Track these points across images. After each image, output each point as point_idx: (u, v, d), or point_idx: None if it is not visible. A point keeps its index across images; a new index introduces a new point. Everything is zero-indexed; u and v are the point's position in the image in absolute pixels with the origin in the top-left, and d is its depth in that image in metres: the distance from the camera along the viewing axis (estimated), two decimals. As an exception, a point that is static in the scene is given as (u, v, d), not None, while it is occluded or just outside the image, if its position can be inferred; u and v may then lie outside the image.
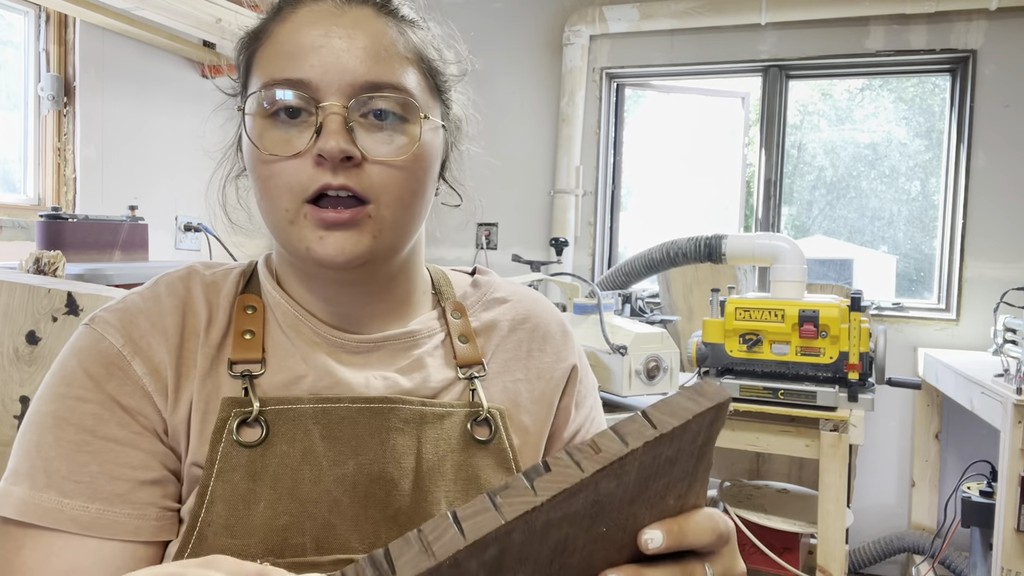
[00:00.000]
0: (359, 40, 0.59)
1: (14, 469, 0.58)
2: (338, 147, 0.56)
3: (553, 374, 0.73)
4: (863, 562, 2.83)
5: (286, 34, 0.60)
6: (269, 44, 0.61)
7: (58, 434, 0.57)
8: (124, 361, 0.60)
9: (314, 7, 0.61)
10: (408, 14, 0.64)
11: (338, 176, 0.57)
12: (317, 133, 0.58)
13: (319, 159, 0.57)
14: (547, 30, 3.34)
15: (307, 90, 0.58)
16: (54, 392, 0.59)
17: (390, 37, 0.61)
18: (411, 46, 0.62)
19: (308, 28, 0.60)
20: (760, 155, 3.15)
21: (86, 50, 2.37)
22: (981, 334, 2.79)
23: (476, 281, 0.77)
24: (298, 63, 0.58)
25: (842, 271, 3.51)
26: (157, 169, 2.65)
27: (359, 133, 0.59)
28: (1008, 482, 1.90)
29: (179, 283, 0.66)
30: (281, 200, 0.59)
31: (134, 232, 2.06)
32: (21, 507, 0.56)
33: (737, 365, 2.17)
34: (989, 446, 2.66)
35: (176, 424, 0.61)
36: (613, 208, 3.42)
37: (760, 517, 2.31)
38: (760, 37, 3.06)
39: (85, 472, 0.57)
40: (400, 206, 0.61)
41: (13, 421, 1.19)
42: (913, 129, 3.27)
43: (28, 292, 1.20)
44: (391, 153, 0.59)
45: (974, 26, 2.81)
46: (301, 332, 0.66)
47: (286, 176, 0.59)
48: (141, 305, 0.63)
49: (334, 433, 0.62)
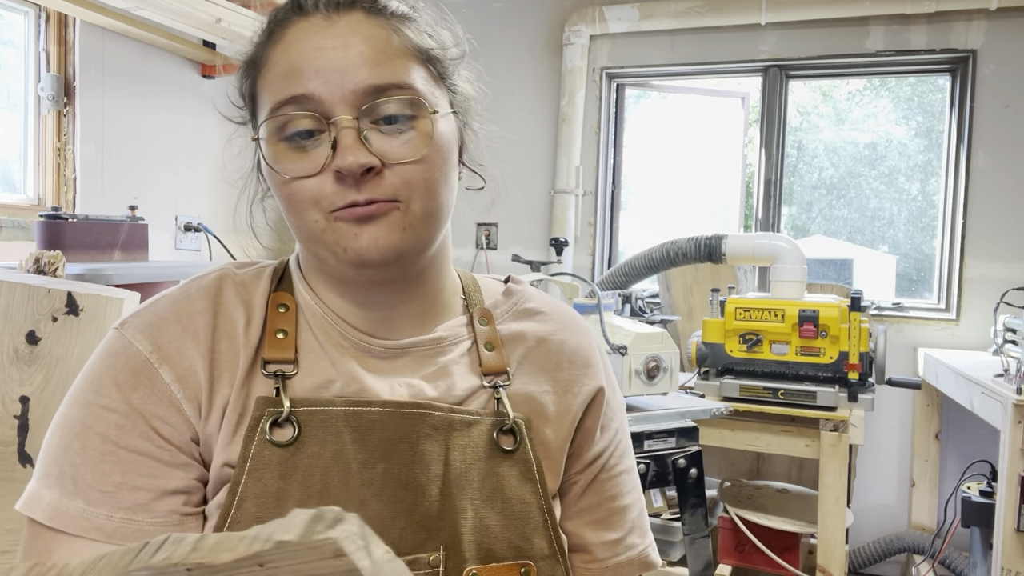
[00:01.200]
0: (355, 46, 0.59)
1: (45, 471, 0.59)
2: (357, 163, 0.57)
3: (580, 391, 0.72)
4: (863, 562, 2.83)
5: (280, 56, 0.61)
6: (268, 69, 0.62)
7: (84, 442, 0.59)
8: (151, 369, 0.61)
9: (303, 24, 0.61)
10: (398, 9, 0.63)
11: (363, 191, 0.58)
12: (333, 148, 0.58)
13: (339, 175, 0.58)
14: (547, 30, 3.34)
15: (314, 105, 0.59)
16: (83, 398, 0.60)
17: (384, 36, 0.61)
18: (407, 41, 0.62)
19: (302, 44, 0.60)
20: (760, 155, 3.15)
21: (86, 50, 2.37)
22: (981, 334, 2.79)
23: (509, 290, 0.76)
24: (299, 80, 0.59)
25: (842, 271, 3.51)
26: (157, 169, 2.65)
27: (374, 139, 0.59)
28: (1008, 482, 1.90)
29: (211, 285, 0.66)
30: (310, 214, 0.60)
31: (134, 232, 2.06)
32: (51, 512, 0.57)
33: (737, 365, 2.17)
34: (989, 446, 2.66)
35: (210, 427, 0.61)
36: (613, 208, 3.42)
37: (760, 517, 2.31)
38: (760, 37, 3.06)
39: (109, 482, 0.58)
40: (428, 198, 0.61)
41: (13, 421, 1.19)
42: (913, 129, 3.28)
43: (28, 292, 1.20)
44: (409, 153, 0.60)
45: (974, 26, 2.81)
46: (330, 336, 0.66)
47: (310, 192, 0.59)
48: (171, 309, 0.64)
49: (364, 436, 0.62)
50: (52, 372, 1.21)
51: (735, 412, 2.01)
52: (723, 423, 2.15)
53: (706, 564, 1.72)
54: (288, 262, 0.71)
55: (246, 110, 0.67)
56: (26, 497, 0.59)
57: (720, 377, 2.19)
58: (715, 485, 2.65)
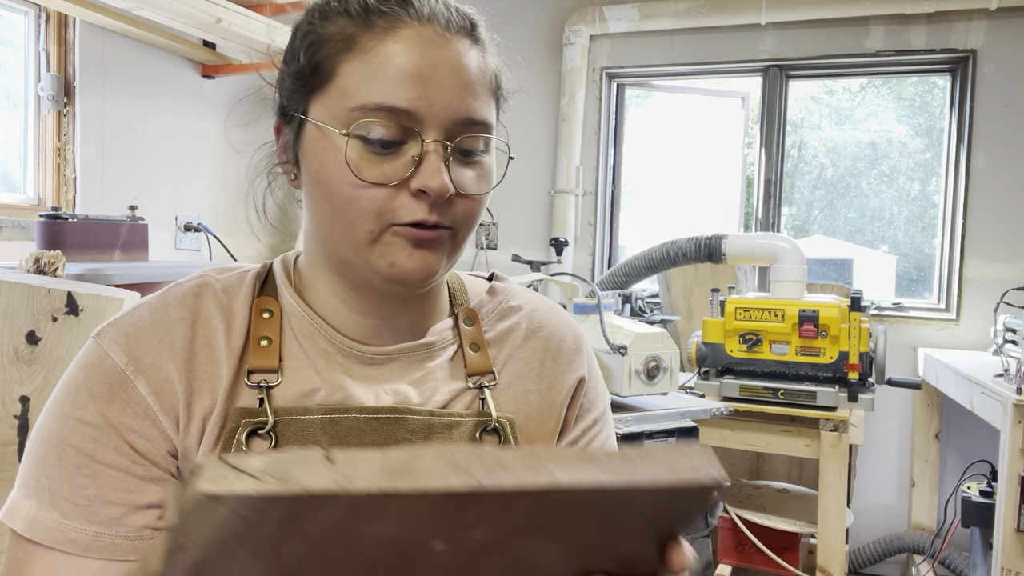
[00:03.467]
0: (462, 74, 0.59)
1: (24, 480, 0.59)
2: (445, 187, 0.57)
3: (563, 385, 0.72)
4: (863, 562, 2.83)
5: (388, 54, 0.57)
6: (364, 59, 0.58)
7: (60, 454, 0.58)
8: (127, 381, 0.59)
9: (420, 30, 0.59)
10: (485, 38, 0.64)
11: (433, 214, 0.58)
12: (415, 164, 0.58)
13: (419, 193, 0.58)
14: (547, 30, 3.34)
15: (409, 120, 0.57)
16: (60, 409, 0.60)
17: (482, 70, 0.62)
18: (490, 75, 0.63)
19: (414, 54, 0.58)
20: (760, 155, 3.15)
21: (86, 50, 2.37)
22: (981, 334, 2.79)
23: (493, 288, 0.75)
24: (405, 91, 0.57)
25: (842, 271, 3.50)
26: (157, 169, 2.65)
27: (453, 167, 0.59)
28: (1008, 482, 1.90)
29: (189, 293, 0.64)
30: (365, 223, 0.58)
31: (134, 232, 2.06)
32: (28, 523, 0.57)
33: (737, 365, 2.17)
34: (989, 446, 2.66)
35: (190, 439, 0.60)
36: (613, 208, 3.42)
37: (760, 517, 2.31)
38: (760, 37, 3.06)
39: (83, 495, 0.58)
40: (471, 230, 0.63)
41: (13, 421, 1.19)
42: (913, 129, 3.27)
43: (28, 292, 1.20)
44: (478, 189, 0.61)
45: (974, 26, 2.81)
46: (315, 342, 0.65)
47: (375, 202, 0.58)
48: (148, 318, 0.62)
49: (342, 444, 0.61)
50: (52, 372, 1.21)
51: (735, 412, 2.01)
52: (723, 423, 2.15)
53: (706, 564, 1.73)
54: (272, 266, 0.69)
55: (292, 78, 0.62)
56: (7, 506, 0.59)
57: (720, 377, 2.19)
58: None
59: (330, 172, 0.59)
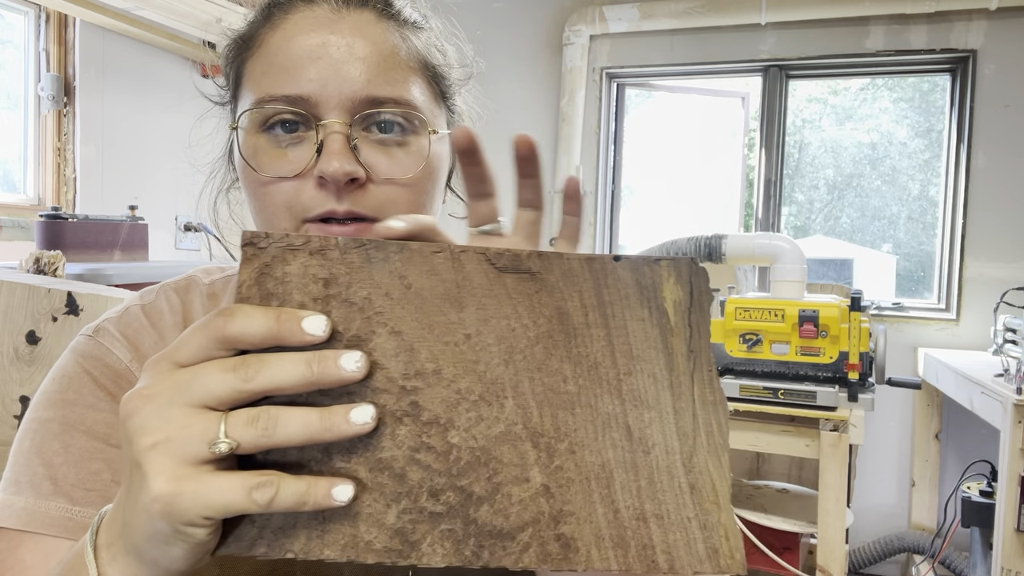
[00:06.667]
0: (359, 49, 0.55)
1: (13, 479, 0.56)
2: (342, 170, 0.53)
3: None
4: (863, 562, 2.83)
5: (279, 43, 0.56)
6: (261, 54, 0.57)
7: (66, 441, 0.56)
8: (133, 377, 0.59)
9: (308, 12, 0.56)
10: (410, 16, 0.60)
11: (343, 202, 0.54)
12: (318, 152, 0.54)
13: (321, 181, 0.54)
14: (547, 30, 3.34)
15: (305, 106, 0.54)
16: (60, 399, 0.58)
17: (392, 44, 0.57)
18: (414, 52, 0.58)
19: (303, 37, 0.55)
20: (760, 155, 3.15)
21: (86, 50, 2.37)
22: (981, 334, 2.79)
23: None
24: (294, 77, 0.54)
25: (842, 271, 3.50)
26: (157, 169, 2.65)
27: (363, 149, 0.55)
28: (1008, 482, 1.90)
29: (176, 298, 0.65)
30: (280, 219, 0.56)
31: (134, 232, 2.06)
32: (26, 517, 0.54)
33: (737, 365, 2.17)
34: (989, 446, 2.66)
35: None
36: (613, 208, 3.42)
37: (760, 517, 2.31)
38: (760, 37, 3.06)
39: (98, 480, 0.56)
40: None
41: (13, 421, 1.19)
42: (913, 129, 3.27)
43: (28, 292, 1.20)
44: (398, 171, 0.56)
45: (974, 26, 2.81)
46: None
47: (285, 196, 0.55)
48: (144, 320, 0.62)
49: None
50: (52, 372, 1.20)
51: (735, 412, 2.01)
52: (723, 423, 2.15)
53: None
54: None
55: (227, 91, 0.62)
56: None
57: (720, 377, 2.18)
58: (715, 485, 2.65)
59: (243, 171, 0.58)
